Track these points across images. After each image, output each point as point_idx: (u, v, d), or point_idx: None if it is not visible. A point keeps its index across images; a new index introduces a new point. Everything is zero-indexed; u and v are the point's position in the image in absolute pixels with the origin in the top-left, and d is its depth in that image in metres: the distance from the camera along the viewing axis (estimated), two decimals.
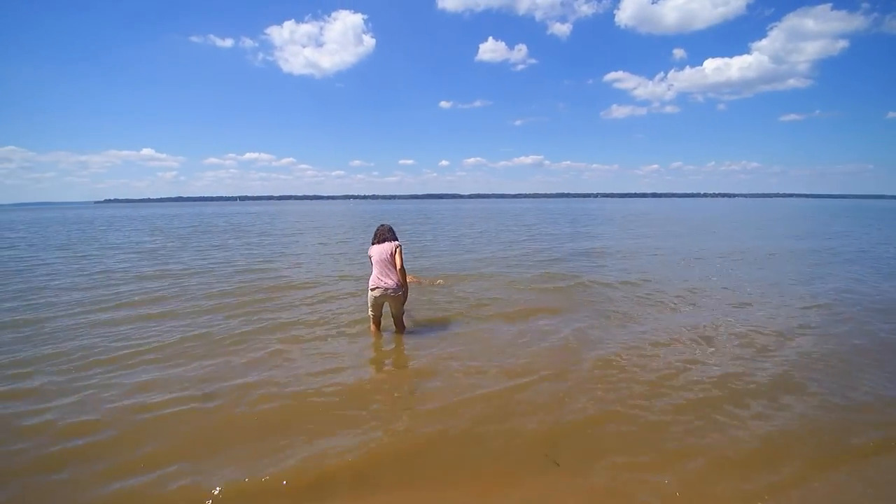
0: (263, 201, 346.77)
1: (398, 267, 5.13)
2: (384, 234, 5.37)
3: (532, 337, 5.17)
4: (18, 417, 3.35)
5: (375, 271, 5.18)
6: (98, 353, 4.61)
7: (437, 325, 5.66)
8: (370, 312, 5.30)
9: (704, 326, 5.41)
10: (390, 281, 5.12)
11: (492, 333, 5.31)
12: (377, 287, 5.13)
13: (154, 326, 5.58)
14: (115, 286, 8.01)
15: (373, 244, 5.35)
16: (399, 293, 5.14)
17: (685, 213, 40.28)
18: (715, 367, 4.16)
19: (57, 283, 8.37)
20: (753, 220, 29.36)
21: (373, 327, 5.36)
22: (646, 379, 3.92)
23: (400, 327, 5.35)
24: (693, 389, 3.71)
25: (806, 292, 7.15)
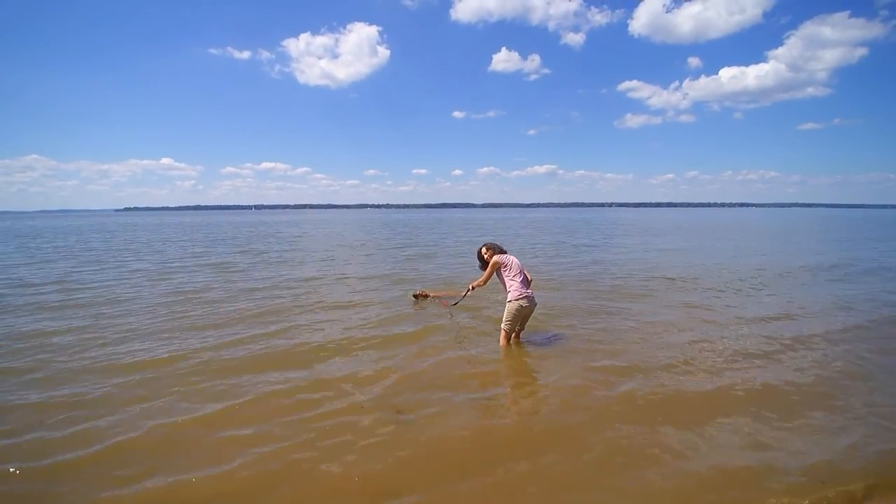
0: (279, 210, 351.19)
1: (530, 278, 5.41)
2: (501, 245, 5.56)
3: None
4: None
5: (519, 281, 5.20)
6: None
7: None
8: (509, 326, 5.20)
9: None
10: (530, 292, 5.25)
11: None
12: (525, 297, 5.15)
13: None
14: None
15: (502, 252, 5.42)
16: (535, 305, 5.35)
17: (757, 223, 39.60)
18: None
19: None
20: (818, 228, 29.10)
21: (510, 342, 5.27)
22: None
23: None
24: None
25: None
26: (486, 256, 5.51)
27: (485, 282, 5.43)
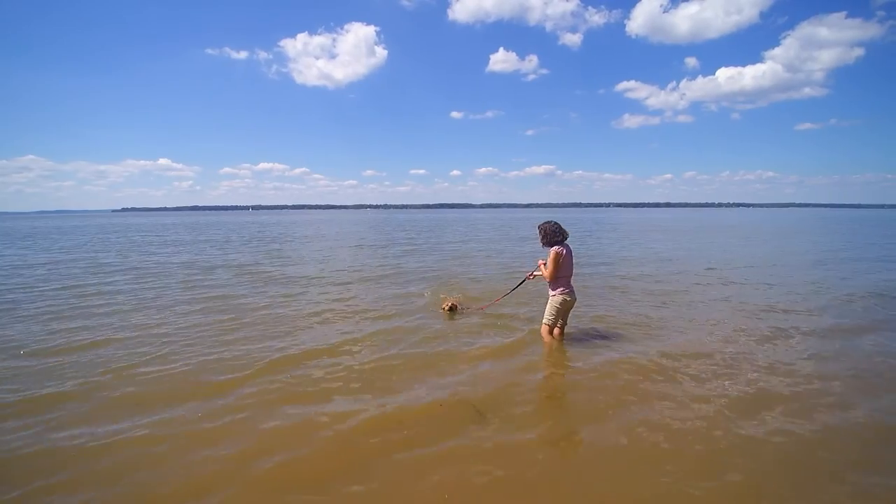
0: (277, 210, 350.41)
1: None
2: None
3: None
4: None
5: (567, 276, 5.17)
6: None
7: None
8: (552, 320, 5.22)
9: None
10: (572, 285, 5.22)
11: None
12: (571, 291, 5.18)
13: None
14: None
15: (560, 241, 5.14)
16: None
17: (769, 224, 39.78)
18: None
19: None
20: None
21: (553, 336, 5.30)
22: None
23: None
24: None
25: None
26: (541, 241, 5.23)
27: (551, 276, 5.12)
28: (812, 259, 14.06)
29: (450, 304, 6.95)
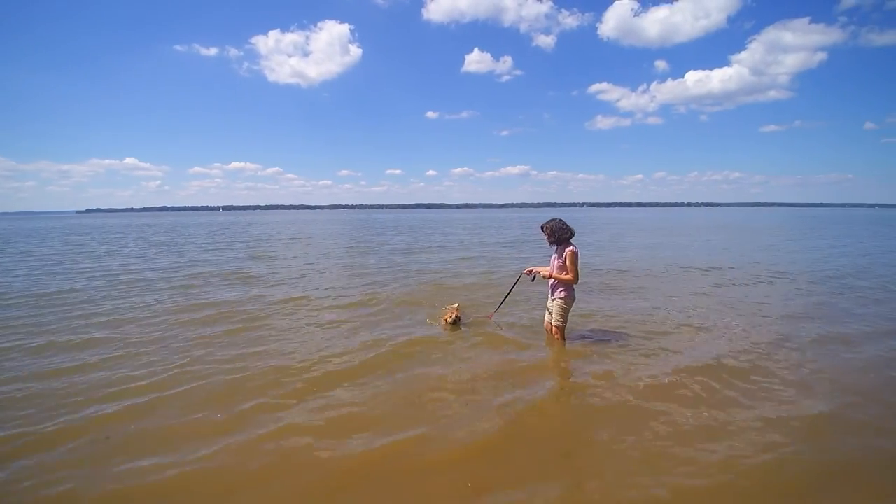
0: (250, 211, 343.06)
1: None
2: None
3: None
4: None
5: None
6: None
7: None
8: (566, 322, 5.22)
9: None
10: None
11: None
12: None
13: None
14: None
15: (569, 238, 5.04)
16: None
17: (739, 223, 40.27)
18: None
19: None
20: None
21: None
22: None
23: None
24: None
25: None
26: (548, 238, 5.09)
27: (576, 278, 4.96)
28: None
29: (453, 315, 6.05)
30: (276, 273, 11.00)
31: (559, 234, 4.98)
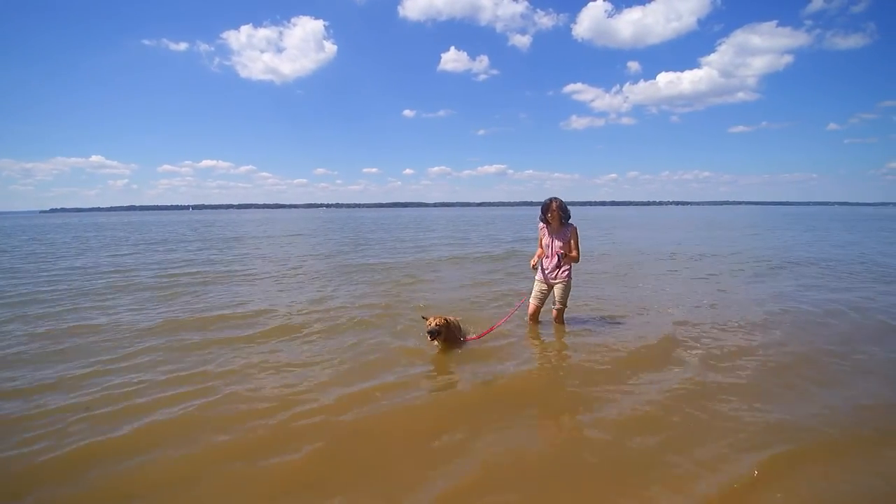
0: (223, 210, 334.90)
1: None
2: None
3: None
4: None
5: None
6: None
7: None
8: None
9: None
10: None
11: None
12: None
13: None
14: None
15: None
16: None
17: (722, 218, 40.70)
18: None
19: None
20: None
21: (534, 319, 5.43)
22: None
23: None
24: None
25: None
26: (548, 216, 4.92)
27: (578, 257, 4.92)
28: None
29: (433, 324, 4.45)
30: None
31: (568, 212, 4.90)
